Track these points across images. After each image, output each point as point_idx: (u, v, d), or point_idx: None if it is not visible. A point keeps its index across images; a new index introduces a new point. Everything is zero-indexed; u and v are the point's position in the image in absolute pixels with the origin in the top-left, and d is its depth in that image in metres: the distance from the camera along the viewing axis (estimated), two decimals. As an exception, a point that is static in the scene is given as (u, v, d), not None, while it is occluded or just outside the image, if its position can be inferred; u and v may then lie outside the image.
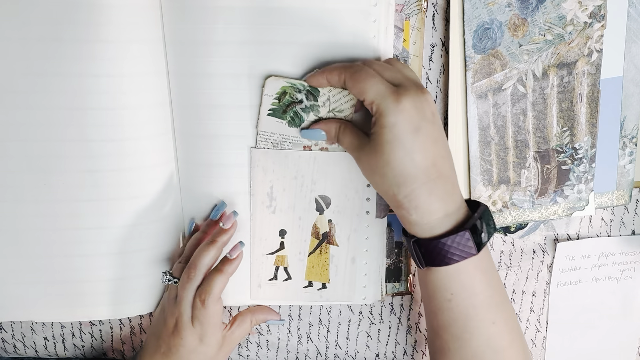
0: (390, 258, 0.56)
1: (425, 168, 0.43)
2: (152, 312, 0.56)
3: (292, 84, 0.49)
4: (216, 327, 0.50)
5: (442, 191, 0.44)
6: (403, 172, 0.43)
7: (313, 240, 0.54)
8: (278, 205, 0.53)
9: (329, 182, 0.52)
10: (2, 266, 0.52)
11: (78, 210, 0.51)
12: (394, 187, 0.44)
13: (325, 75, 0.47)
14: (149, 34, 0.48)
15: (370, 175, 0.46)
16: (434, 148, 0.44)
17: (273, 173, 0.52)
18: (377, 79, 0.44)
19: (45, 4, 0.46)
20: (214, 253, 0.49)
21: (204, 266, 0.49)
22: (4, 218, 0.51)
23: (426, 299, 0.49)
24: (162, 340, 0.50)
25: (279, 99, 0.49)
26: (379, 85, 0.44)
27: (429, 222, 0.45)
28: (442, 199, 0.44)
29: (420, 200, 0.44)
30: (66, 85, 0.47)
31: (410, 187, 0.44)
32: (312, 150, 0.51)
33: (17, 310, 0.54)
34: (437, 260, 0.45)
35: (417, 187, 0.44)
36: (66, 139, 0.49)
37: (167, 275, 0.51)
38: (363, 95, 0.44)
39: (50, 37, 0.46)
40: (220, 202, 0.52)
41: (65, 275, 0.53)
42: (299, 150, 0.51)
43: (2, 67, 0.47)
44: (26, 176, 0.50)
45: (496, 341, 0.46)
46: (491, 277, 0.47)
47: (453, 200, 0.45)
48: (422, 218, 0.45)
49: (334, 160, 0.52)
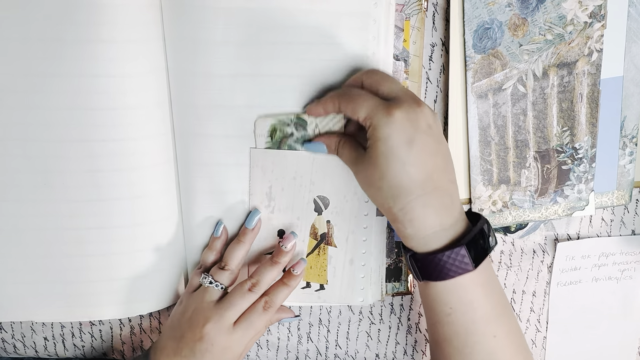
0: (390, 258, 0.56)
1: (421, 181, 0.43)
2: (152, 312, 0.56)
3: (280, 120, 0.50)
4: (252, 335, 0.50)
5: (438, 204, 0.44)
6: (398, 185, 0.43)
7: (311, 241, 0.54)
8: (277, 205, 0.53)
9: (327, 183, 0.52)
10: (2, 266, 0.52)
11: (78, 210, 0.51)
12: (389, 199, 0.44)
13: (322, 106, 0.48)
14: (149, 34, 0.48)
15: (367, 188, 0.46)
16: (431, 160, 0.44)
17: (272, 173, 0.52)
18: (367, 95, 0.45)
19: (46, 4, 0.46)
20: (277, 272, 0.52)
21: (266, 284, 0.51)
22: (4, 218, 0.51)
23: (427, 311, 0.49)
24: (184, 344, 0.49)
25: (271, 137, 0.50)
26: (371, 101, 0.44)
27: (425, 236, 0.44)
28: (438, 212, 0.44)
29: (415, 213, 0.44)
30: (66, 85, 0.47)
31: (405, 200, 0.43)
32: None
33: (17, 310, 0.54)
34: (433, 275, 0.45)
35: (412, 200, 0.43)
36: (66, 139, 0.49)
37: (208, 278, 0.51)
38: (357, 114, 0.44)
39: (50, 37, 0.46)
40: (254, 209, 0.53)
41: (65, 275, 0.53)
42: (298, 151, 0.51)
43: (2, 67, 0.47)
44: (26, 176, 0.50)
45: (497, 355, 0.46)
46: (491, 290, 0.46)
47: (450, 213, 0.45)
48: (417, 232, 0.44)
49: (333, 162, 0.51)
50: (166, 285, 0.55)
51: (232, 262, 0.51)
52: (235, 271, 0.52)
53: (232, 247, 0.52)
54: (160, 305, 0.55)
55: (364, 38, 0.49)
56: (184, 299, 0.52)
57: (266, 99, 0.50)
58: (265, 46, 0.48)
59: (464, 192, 0.55)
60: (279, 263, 0.52)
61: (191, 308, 0.50)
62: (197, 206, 0.53)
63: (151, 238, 0.53)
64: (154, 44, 0.48)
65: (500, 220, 0.56)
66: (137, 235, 0.52)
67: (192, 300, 0.51)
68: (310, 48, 0.49)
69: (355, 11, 0.48)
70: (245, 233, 0.52)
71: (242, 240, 0.52)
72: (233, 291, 0.50)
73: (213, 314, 0.49)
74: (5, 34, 0.46)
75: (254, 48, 0.48)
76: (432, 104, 0.54)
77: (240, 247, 0.52)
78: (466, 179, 0.54)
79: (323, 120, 0.50)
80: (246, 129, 0.50)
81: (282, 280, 0.52)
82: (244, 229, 0.53)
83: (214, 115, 0.50)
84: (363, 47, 0.49)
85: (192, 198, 0.53)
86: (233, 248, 0.52)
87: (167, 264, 0.54)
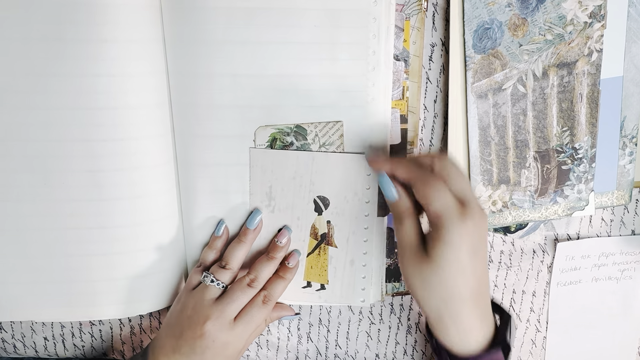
0: (390, 258, 0.56)
1: (475, 289, 0.44)
2: (152, 311, 0.56)
3: (279, 129, 0.50)
4: (252, 330, 0.51)
5: (481, 311, 0.45)
6: (454, 290, 0.44)
7: (312, 241, 0.54)
8: (277, 205, 0.53)
9: (327, 183, 0.52)
10: (2, 266, 0.52)
11: (79, 209, 0.51)
12: (441, 302, 0.44)
13: (392, 165, 0.47)
14: (150, 34, 0.48)
15: (418, 284, 0.45)
16: (484, 270, 0.45)
17: (272, 173, 0.52)
18: (444, 190, 0.43)
19: (47, 4, 0.46)
20: (273, 267, 0.53)
21: (264, 279, 0.52)
22: (5, 218, 0.51)
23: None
24: (183, 341, 0.49)
25: (271, 146, 0.51)
26: (447, 199, 0.43)
27: (467, 339, 0.45)
28: (482, 319, 0.45)
29: (464, 319, 0.45)
30: (68, 85, 0.47)
31: (458, 307, 0.44)
32: (311, 150, 0.51)
33: (17, 310, 0.54)
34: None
35: (465, 307, 0.44)
36: (67, 139, 0.49)
37: (210, 277, 0.51)
38: (429, 203, 0.44)
39: (51, 37, 0.46)
40: (255, 209, 0.53)
41: (66, 274, 0.53)
42: (298, 151, 0.51)
43: (3, 67, 0.47)
44: (27, 176, 0.50)
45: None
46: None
47: (489, 320, 0.46)
48: (462, 336, 0.45)
49: (333, 162, 0.51)
50: (166, 285, 0.55)
51: (233, 261, 0.52)
52: (235, 270, 0.52)
53: (233, 246, 0.52)
54: (161, 305, 0.55)
55: (364, 36, 0.49)
56: (183, 296, 0.52)
57: (266, 99, 0.50)
58: (264, 46, 0.48)
59: (464, 192, 0.55)
60: (274, 258, 0.53)
61: (190, 306, 0.50)
62: (198, 206, 0.53)
63: (152, 238, 0.53)
64: (155, 45, 0.48)
65: (500, 220, 0.56)
66: (138, 235, 0.52)
67: (192, 298, 0.51)
68: (309, 47, 0.49)
69: (355, 10, 0.48)
70: (247, 233, 0.53)
71: (243, 240, 0.52)
72: (232, 287, 0.51)
73: (213, 310, 0.49)
74: (7, 34, 0.46)
75: (254, 48, 0.48)
76: (432, 104, 0.54)
77: (241, 246, 0.52)
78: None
79: (323, 129, 0.50)
80: (246, 129, 0.50)
81: (278, 274, 0.53)
82: (245, 229, 0.53)
83: (214, 116, 0.50)
84: (363, 45, 0.49)
85: (192, 198, 0.53)
86: (234, 247, 0.52)
87: (167, 264, 0.54)
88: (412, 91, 0.52)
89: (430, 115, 0.54)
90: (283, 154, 0.51)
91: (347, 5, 0.48)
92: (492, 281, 0.60)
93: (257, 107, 0.50)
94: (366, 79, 0.50)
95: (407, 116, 0.53)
